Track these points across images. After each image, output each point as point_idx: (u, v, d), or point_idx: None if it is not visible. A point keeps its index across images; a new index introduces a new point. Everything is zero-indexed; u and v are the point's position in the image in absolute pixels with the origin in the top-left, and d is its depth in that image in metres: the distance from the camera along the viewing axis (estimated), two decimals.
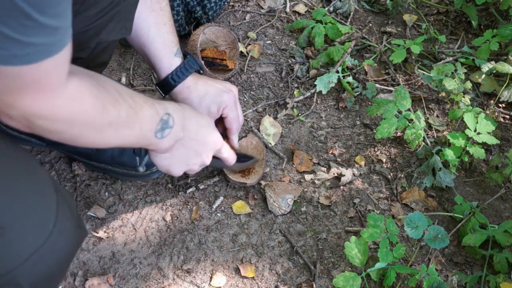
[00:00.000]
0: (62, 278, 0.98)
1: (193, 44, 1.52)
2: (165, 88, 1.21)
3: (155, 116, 0.96)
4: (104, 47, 1.13)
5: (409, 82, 1.68)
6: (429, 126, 1.58)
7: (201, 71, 1.25)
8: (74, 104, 0.77)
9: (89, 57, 1.12)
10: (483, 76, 1.64)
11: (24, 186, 0.80)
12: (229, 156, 1.22)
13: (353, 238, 1.24)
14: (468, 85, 1.49)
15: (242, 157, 1.36)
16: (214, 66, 1.60)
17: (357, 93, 1.64)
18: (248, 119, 1.56)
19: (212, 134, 1.12)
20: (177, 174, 1.13)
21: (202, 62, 1.51)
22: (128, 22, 1.11)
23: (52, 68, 0.70)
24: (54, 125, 0.77)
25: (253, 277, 1.28)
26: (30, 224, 0.78)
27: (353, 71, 1.68)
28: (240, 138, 1.48)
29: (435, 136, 1.56)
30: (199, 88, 1.21)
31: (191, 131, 1.06)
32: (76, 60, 1.11)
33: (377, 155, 1.52)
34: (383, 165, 1.50)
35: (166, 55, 1.17)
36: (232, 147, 1.27)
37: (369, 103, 1.63)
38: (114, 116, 0.85)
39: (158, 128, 0.97)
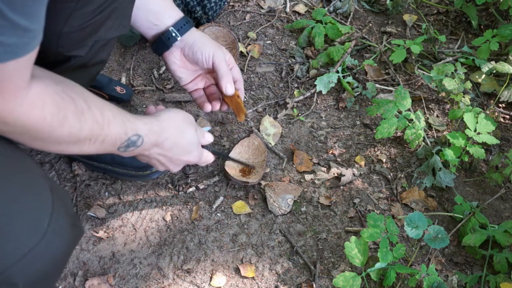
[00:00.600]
0: (58, 277, 0.97)
1: None
2: (164, 43, 1.17)
3: (122, 135, 0.92)
4: (102, 45, 1.13)
5: (409, 82, 1.68)
6: (429, 126, 1.58)
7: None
8: (33, 111, 0.74)
9: (87, 55, 1.12)
10: (483, 76, 1.64)
11: (18, 185, 0.79)
12: (204, 162, 1.20)
13: (353, 238, 1.24)
14: (468, 85, 1.49)
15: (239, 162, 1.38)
16: None
17: (357, 93, 1.64)
18: (248, 119, 1.56)
19: (188, 154, 1.09)
20: (157, 168, 1.13)
21: None
22: (125, 19, 1.11)
23: (15, 71, 0.68)
24: (10, 128, 0.75)
25: (253, 277, 1.28)
26: (24, 223, 0.77)
27: (353, 71, 1.68)
28: (242, 139, 1.49)
29: (435, 136, 1.56)
30: (192, 38, 1.17)
31: (165, 147, 1.03)
32: (74, 58, 1.11)
33: (377, 155, 1.52)
34: (383, 165, 1.50)
35: (169, 8, 1.18)
36: (226, 95, 1.20)
37: (369, 103, 1.63)
38: (75, 128, 0.82)
39: (123, 145, 0.94)
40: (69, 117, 0.80)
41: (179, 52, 1.18)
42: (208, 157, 1.17)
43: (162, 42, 1.16)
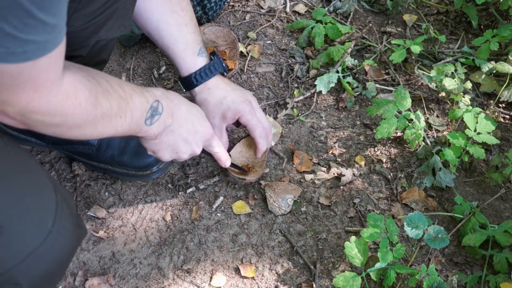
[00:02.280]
0: (61, 277, 0.97)
1: None
2: (187, 85, 1.25)
3: (145, 104, 0.97)
4: (103, 45, 1.14)
5: (409, 82, 1.68)
6: (429, 126, 1.58)
7: (225, 73, 1.28)
8: (69, 99, 0.78)
9: (89, 55, 1.12)
10: (483, 76, 1.64)
11: (22, 185, 0.80)
12: (221, 153, 1.23)
13: (353, 238, 1.24)
14: (468, 85, 1.49)
15: (237, 167, 1.38)
16: None
17: (357, 93, 1.64)
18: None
19: (202, 123, 1.13)
20: (165, 160, 1.14)
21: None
22: (126, 20, 1.12)
23: (48, 65, 0.71)
24: (50, 119, 0.77)
25: (253, 277, 1.28)
26: (29, 224, 0.78)
27: (353, 71, 1.68)
28: (243, 138, 1.49)
29: (435, 136, 1.56)
30: (219, 92, 1.24)
31: (180, 118, 1.07)
32: (76, 58, 1.12)
33: (377, 155, 1.52)
34: (383, 165, 1.50)
35: (189, 55, 1.22)
36: (255, 154, 1.38)
37: (369, 103, 1.63)
38: (106, 107, 0.86)
39: (148, 115, 0.98)
40: (99, 98, 0.84)
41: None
42: (223, 139, 1.24)
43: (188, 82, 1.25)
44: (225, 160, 1.26)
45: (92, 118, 0.84)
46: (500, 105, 1.64)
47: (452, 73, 1.51)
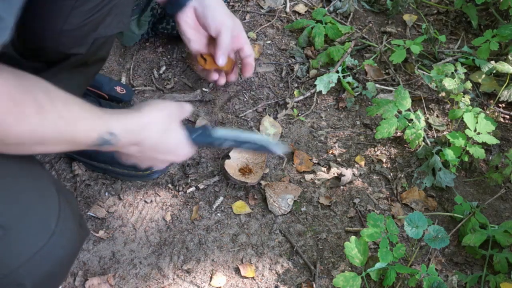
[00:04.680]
0: (64, 278, 0.97)
1: None
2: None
3: (92, 133, 0.82)
4: (102, 43, 1.14)
5: (409, 82, 1.68)
6: (429, 126, 1.58)
7: None
8: None
9: (87, 53, 1.12)
10: (483, 76, 1.64)
11: (25, 186, 0.80)
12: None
13: (353, 238, 1.24)
14: (468, 85, 1.49)
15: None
16: None
17: (357, 93, 1.64)
18: (248, 119, 1.56)
19: (174, 154, 1.00)
20: (140, 166, 1.04)
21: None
22: (125, 17, 1.12)
23: None
24: None
25: (253, 277, 1.28)
26: (32, 224, 0.77)
27: (353, 71, 1.68)
28: None
29: (435, 136, 1.56)
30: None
31: (146, 147, 0.93)
32: (74, 56, 1.12)
33: (377, 155, 1.52)
34: (383, 165, 1.50)
35: None
36: (216, 64, 1.23)
37: (369, 103, 1.63)
38: (36, 124, 0.74)
39: (95, 144, 0.84)
40: (27, 113, 0.72)
41: (192, 11, 1.19)
42: (192, 152, 1.04)
43: (176, 0, 1.16)
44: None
45: (16, 134, 0.72)
46: (500, 105, 1.64)
47: (452, 73, 1.51)
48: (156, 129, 0.92)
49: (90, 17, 1.02)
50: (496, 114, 1.55)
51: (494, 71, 1.60)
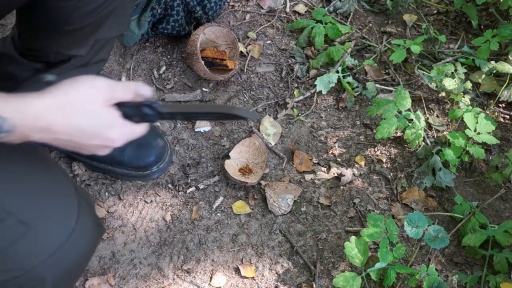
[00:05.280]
0: (82, 274, 0.97)
1: (193, 44, 1.52)
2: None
3: None
4: (102, 44, 1.14)
5: (409, 82, 1.68)
6: (429, 126, 1.58)
7: None
8: None
9: (88, 54, 1.13)
10: (483, 76, 1.64)
11: (46, 183, 0.81)
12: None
13: (353, 238, 1.24)
14: (468, 85, 1.49)
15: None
16: (214, 66, 1.60)
17: (357, 93, 1.64)
18: (248, 119, 1.56)
19: (99, 138, 0.83)
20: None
21: (202, 62, 1.52)
22: (125, 18, 1.12)
23: None
24: None
25: (253, 277, 1.28)
26: (54, 221, 0.79)
27: (353, 71, 1.68)
28: (243, 138, 1.49)
29: (435, 136, 1.56)
30: None
31: (58, 132, 0.78)
32: (75, 57, 1.12)
33: (377, 155, 1.52)
34: (383, 165, 1.50)
35: None
36: None
37: (369, 103, 1.63)
38: None
39: None
40: None
41: None
42: (134, 133, 0.87)
43: None
44: (138, 133, 0.90)
45: None
46: (500, 105, 1.64)
47: (452, 73, 1.51)
48: (66, 112, 0.78)
49: (92, 18, 1.02)
50: (496, 114, 1.55)
51: (494, 71, 1.60)
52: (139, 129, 0.87)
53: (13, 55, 1.17)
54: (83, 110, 0.79)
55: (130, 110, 0.85)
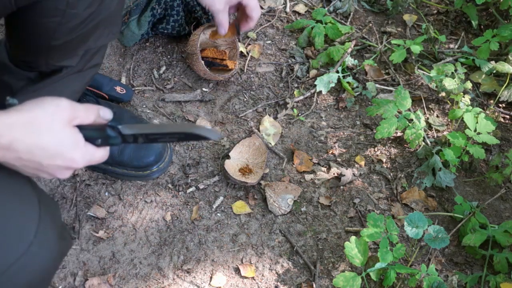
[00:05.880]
0: None
1: (193, 44, 1.52)
2: None
3: None
4: (93, 53, 1.13)
5: (409, 82, 1.68)
6: (429, 126, 1.58)
7: None
8: None
9: (79, 64, 1.12)
10: (483, 76, 1.64)
11: (3, 195, 0.77)
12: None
13: (353, 238, 1.24)
14: (468, 85, 1.49)
15: None
16: (214, 66, 1.60)
17: (357, 93, 1.64)
18: (248, 119, 1.56)
19: (60, 158, 0.79)
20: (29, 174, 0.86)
21: (202, 62, 1.51)
22: (114, 27, 1.11)
23: None
24: None
25: (253, 277, 1.28)
26: (9, 234, 0.74)
27: (353, 71, 1.68)
28: (243, 138, 1.49)
29: (435, 136, 1.56)
30: None
31: (20, 151, 0.76)
32: (66, 68, 1.11)
33: (377, 155, 1.52)
34: (383, 165, 1.50)
35: None
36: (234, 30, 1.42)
37: (369, 103, 1.63)
38: None
39: None
40: None
41: None
42: (96, 156, 0.85)
43: None
44: (99, 157, 0.88)
45: None
46: (500, 105, 1.64)
47: (452, 73, 1.51)
48: (29, 130, 0.75)
49: (78, 32, 1.01)
50: (496, 114, 1.55)
51: (494, 71, 1.60)
52: (100, 153, 0.86)
53: (6, 64, 1.16)
54: (47, 128, 0.77)
55: (93, 132, 0.84)
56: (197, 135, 0.87)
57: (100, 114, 0.85)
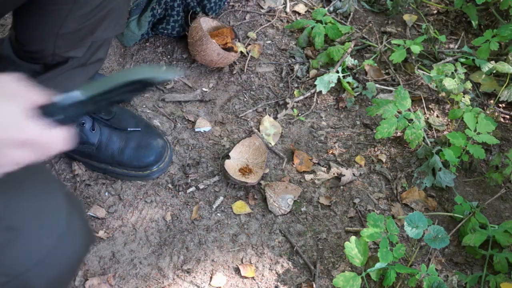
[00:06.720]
0: (70, 282, 0.94)
1: (199, 29, 1.53)
2: None
3: None
4: (99, 45, 1.14)
5: (409, 82, 1.68)
6: (429, 126, 1.58)
7: None
8: None
9: (85, 55, 1.13)
10: (483, 76, 1.64)
11: (35, 187, 0.79)
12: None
13: (353, 238, 1.24)
14: (468, 85, 1.49)
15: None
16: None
17: (357, 93, 1.64)
18: (248, 119, 1.56)
19: (10, 126, 0.67)
20: None
21: (214, 41, 1.54)
22: (121, 19, 1.12)
23: None
24: None
25: (253, 277, 1.28)
26: (42, 228, 0.76)
27: (353, 71, 1.68)
28: (243, 138, 1.49)
29: (435, 136, 1.56)
30: None
31: None
32: (72, 59, 1.12)
33: (377, 155, 1.52)
34: (383, 165, 1.50)
35: None
36: None
37: (369, 103, 1.63)
38: None
39: None
40: None
41: None
42: (55, 137, 0.70)
43: None
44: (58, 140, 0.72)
45: None
46: (500, 105, 1.64)
47: (452, 73, 1.51)
48: None
49: (87, 21, 1.02)
50: (496, 114, 1.55)
51: (494, 71, 1.60)
52: (61, 131, 0.71)
53: (11, 57, 1.17)
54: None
55: (52, 107, 0.72)
56: (149, 82, 0.76)
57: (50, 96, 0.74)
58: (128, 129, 1.38)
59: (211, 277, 1.27)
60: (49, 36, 1.06)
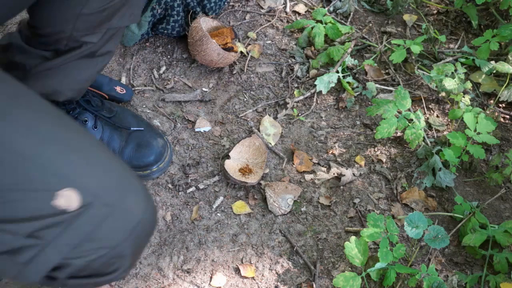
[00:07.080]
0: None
1: (199, 29, 1.52)
2: None
3: None
4: (112, 34, 1.16)
5: (409, 82, 1.68)
6: (429, 126, 1.58)
7: None
8: None
9: (98, 43, 1.14)
10: (483, 76, 1.64)
11: (119, 164, 0.86)
12: None
13: (353, 238, 1.24)
14: (468, 85, 1.49)
15: None
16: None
17: (357, 93, 1.64)
18: (248, 119, 1.56)
19: None
20: None
21: (214, 41, 1.54)
22: (137, 9, 1.15)
23: None
24: None
25: (253, 277, 1.28)
26: (132, 201, 0.83)
27: (353, 71, 1.68)
28: (243, 138, 1.49)
29: (435, 136, 1.56)
30: None
31: None
32: (86, 44, 1.14)
33: (377, 155, 1.52)
34: (383, 165, 1.50)
35: None
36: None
37: (369, 103, 1.63)
38: None
39: None
40: None
41: None
42: None
43: None
44: None
45: None
46: (500, 105, 1.64)
47: (452, 73, 1.51)
48: None
49: (110, 3, 1.04)
50: (496, 114, 1.55)
51: (494, 71, 1.60)
52: None
53: (20, 45, 1.18)
54: None
55: None
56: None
57: None
58: (131, 128, 1.39)
59: (211, 277, 1.27)
60: (70, 16, 1.08)
